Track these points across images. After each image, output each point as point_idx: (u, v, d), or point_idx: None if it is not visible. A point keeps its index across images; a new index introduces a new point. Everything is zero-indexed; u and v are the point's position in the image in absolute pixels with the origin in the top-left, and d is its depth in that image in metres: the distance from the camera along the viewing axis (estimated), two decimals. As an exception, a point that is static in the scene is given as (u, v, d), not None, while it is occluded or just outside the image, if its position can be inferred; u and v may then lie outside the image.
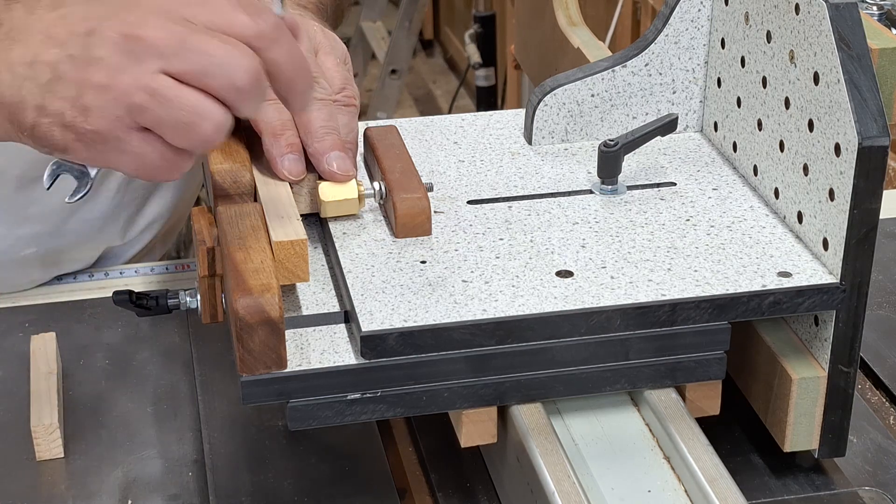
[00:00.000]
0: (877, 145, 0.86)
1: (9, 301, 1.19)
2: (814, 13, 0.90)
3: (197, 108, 0.80)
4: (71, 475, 0.99)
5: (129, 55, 0.80)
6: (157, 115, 0.80)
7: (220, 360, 1.10)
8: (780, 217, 0.98)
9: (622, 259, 0.93)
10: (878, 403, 1.07)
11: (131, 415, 1.05)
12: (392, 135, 1.03)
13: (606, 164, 1.01)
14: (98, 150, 0.82)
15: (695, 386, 0.93)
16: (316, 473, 0.98)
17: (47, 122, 0.81)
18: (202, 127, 0.80)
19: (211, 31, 0.80)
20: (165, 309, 0.96)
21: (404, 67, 3.53)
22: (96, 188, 1.20)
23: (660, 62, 1.07)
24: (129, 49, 0.80)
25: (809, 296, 0.90)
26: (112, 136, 0.81)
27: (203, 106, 0.80)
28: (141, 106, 0.79)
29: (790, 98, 0.94)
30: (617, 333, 0.89)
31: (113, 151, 0.82)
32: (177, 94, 0.80)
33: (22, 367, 1.08)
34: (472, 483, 0.98)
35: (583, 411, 0.93)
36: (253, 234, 0.89)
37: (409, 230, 0.96)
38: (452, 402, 0.89)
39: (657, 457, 0.90)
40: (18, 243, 1.18)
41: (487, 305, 0.88)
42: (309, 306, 0.91)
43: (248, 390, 0.85)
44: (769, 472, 0.99)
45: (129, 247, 1.29)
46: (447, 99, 4.05)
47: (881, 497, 0.96)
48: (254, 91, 0.81)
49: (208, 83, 0.80)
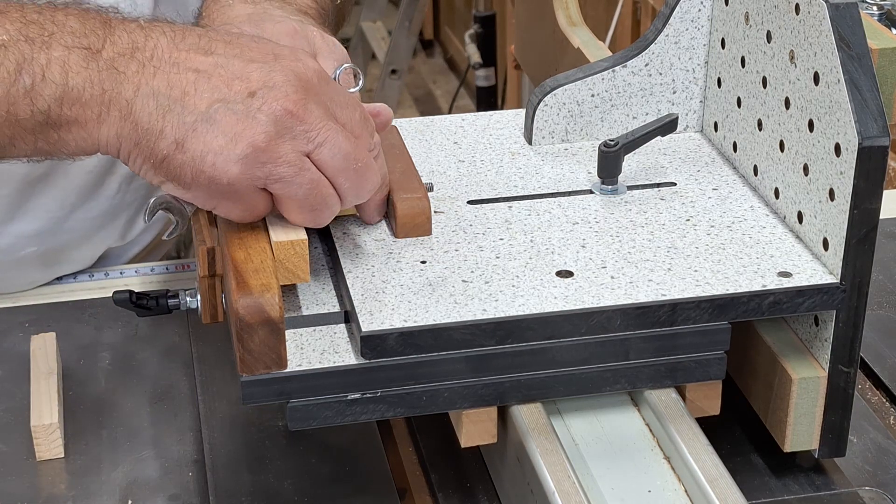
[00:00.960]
0: (877, 145, 0.86)
1: (9, 301, 1.19)
2: (814, 13, 0.90)
3: (328, 199, 0.87)
4: (71, 475, 0.99)
5: (287, 130, 0.84)
6: (292, 192, 0.85)
7: (220, 360, 1.10)
8: (780, 217, 0.98)
9: (622, 259, 0.93)
10: (878, 403, 1.07)
11: (131, 415, 1.05)
12: (392, 135, 1.03)
13: (606, 164, 1.01)
14: (218, 199, 0.86)
15: (695, 386, 0.93)
16: (316, 473, 0.98)
17: (181, 160, 0.84)
18: (323, 215, 0.88)
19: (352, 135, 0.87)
20: (165, 309, 0.96)
21: (404, 67, 3.53)
22: (97, 187, 1.20)
23: (660, 62, 1.07)
24: (289, 125, 0.84)
25: (809, 296, 0.90)
26: (242, 192, 0.85)
27: (333, 199, 0.87)
28: (283, 177, 0.85)
29: (790, 98, 0.94)
30: (617, 333, 0.89)
31: (230, 201, 0.86)
32: (319, 180, 0.86)
33: (22, 367, 1.08)
34: (472, 483, 0.98)
35: (583, 411, 0.93)
36: (253, 234, 0.89)
37: (410, 230, 0.96)
38: (452, 403, 0.89)
39: (657, 457, 0.90)
40: (19, 242, 1.18)
41: (487, 305, 0.88)
42: (309, 306, 0.91)
43: (248, 390, 0.85)
44: (769, 472, 0.99)
45: (129, 248, 1.29)
46: (447, 99, 4.04)
47: (881, 497, 0.96)
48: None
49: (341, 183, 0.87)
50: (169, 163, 0.85)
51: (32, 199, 1.17)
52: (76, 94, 0.85)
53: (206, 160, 0.84)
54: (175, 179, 0.86)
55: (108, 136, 0.86)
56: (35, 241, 1.19)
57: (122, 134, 0.86)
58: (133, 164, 0.87)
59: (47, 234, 1.19)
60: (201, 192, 0.86)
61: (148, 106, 0.84)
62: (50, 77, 0.85)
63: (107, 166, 1.20)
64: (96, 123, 0.86)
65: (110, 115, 0.85)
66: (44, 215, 1.18)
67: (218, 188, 0.85)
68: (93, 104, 0.85)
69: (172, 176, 0.85)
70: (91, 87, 0.85)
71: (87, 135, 0.86)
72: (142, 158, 0.86)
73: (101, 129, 0.86)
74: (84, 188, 1.19)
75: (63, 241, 1.21)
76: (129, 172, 1.22)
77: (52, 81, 0.85)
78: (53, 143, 0.87)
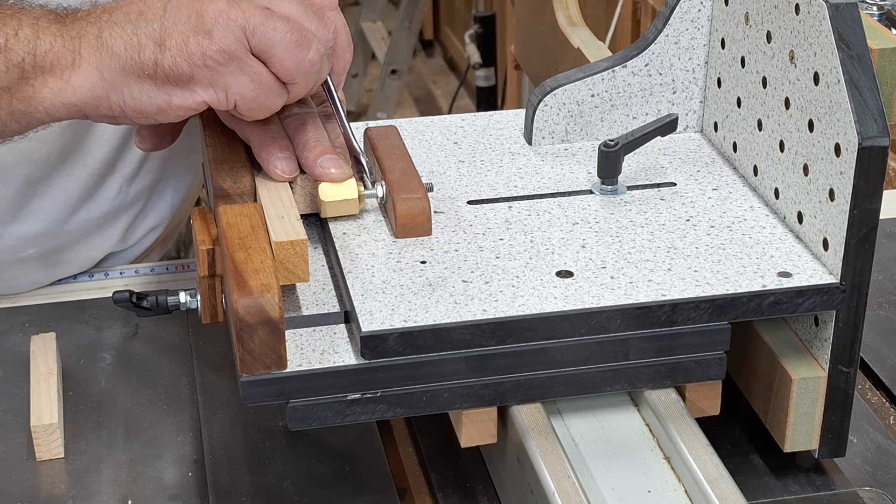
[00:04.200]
0: (877, 145, 0.86)
1: (9, 301, 1.19)
2: (814, 13, 0.90)
3: (304, 34, 0.90)
4: (71, 475, 0.99)
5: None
6: (270, 37, 0.89)
7: (220, 360, 1.10)
8: (780, 217, 0.98)
9: (622, 259, 0.93)
10: (878, 403, 1.07)
11: (131, 415, 1.05)
12: (392, 135, 1.03)
13: (606, 164, 1.01)
14: (222, 73, 0.90)
15: (695, 386, 0.93)
16: (316, 473, 0.98)
17: (171, 55, 0.89)
18: (309, 50, 0.90)
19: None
20: (165, 309, 0.96)
21: (404, 67, 3.53)
22: (97, 188, 1.20)
23: (660, 62, 1.07)
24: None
25: (809, 296, 0.90)
26: (235, 55, 0.89)
27: (310, 34, 0.91)
28: (256, 26, 0.89)
29: (790, 98, 0.94)
30: (617, 334, 0.89)
31: (235, 73, 0.90)
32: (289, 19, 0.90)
33: (22, 367, 1.08)
34: (472, 483, 0.98)
35: (583, 411, 0.93)
36: (253, 235, 0.89)
37: (409, 230, 0.96)
38: (452, 403, 0.89)
39: (657, 457, 0.90)
40: (20, 243, 1.18)
41: (487, 305, 0.88)
42: (309, 306, 0.91)
43: (248, 390, 0.85)
44: (769, 472, 0.99)
45: (130, 252, 1.29)
46: (447, 99, 4.04)
47: (881, 497, 0.97)
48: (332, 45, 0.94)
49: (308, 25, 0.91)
50: (160, 65, 0.90)
51: (34, 200, 1.17)
52: (48, 45, 0.92)
53: (189, 43, 0.89)
54: (176, 79, 0.90)
55: (89, 77, 0.91)
56: (36, 242, 1.19)
57: (102, 66, 0.91)
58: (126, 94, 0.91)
59: (48, 235, 1.19)
60: (205, 77, 0.90)
61: (115, 33, 0.91)
62: (22, 35, 0.92)
63: (108, 167, 1.20)
64: (71, 68, 0.91)
65: (83, 54, 0.91)
66: (45, 216, 1.19)
67: (216, 63, 0.89)
68: (65, 51, 0.92)
69: (172, 76, 0.90)
70: (62, 38, 0.92)
71: (63, 84, 0.92)
72: (136, 79, 0.91)
73: (79, 72, 0.91)
74: (85, 189, 1.19)
75: (63, 242, 1.21)
76: (129, 173, 1.22)
77: (24, 38, 0.92)
78: (28, 99, 0.92)
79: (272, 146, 0.96)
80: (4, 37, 0.92)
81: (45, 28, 0.92)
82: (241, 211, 0.92)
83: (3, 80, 0.92)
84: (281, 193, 0.94)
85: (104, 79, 0.91)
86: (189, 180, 1.31)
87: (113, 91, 0.91)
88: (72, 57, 0.91)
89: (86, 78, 0.91)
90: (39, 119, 0.94)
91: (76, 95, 0.92)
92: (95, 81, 0.91)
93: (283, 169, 0.96)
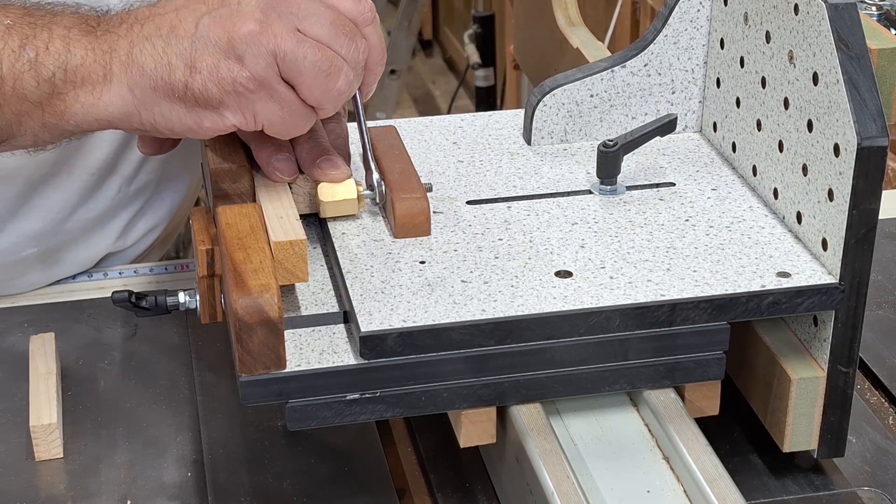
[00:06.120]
0: (876, 145, 0.86)
1: (8, 301, 1.19)
2: (813, 13, 0.90)
3: (334, 61, 0.89)
4: (70, 475, 0.99)
5: (272, 10, 0.89)
6: (300, 65, 0.88)
7: (220, 360, 1.10)
8: (779, 217, 0.98)
9: (621, 259, 0.93)
10: (878, 403, 1.07)
11: (131, 415, 1.05)
12: (391, 135, 1.03)
13: (606, 164, 1.01)
14: (252, 99, 0.89)
15: (694, 386, 0.93)
16: (315, 473, 0.98)
17: (202, 79, 0.88)
18: (338, 79, 0.89)
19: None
20: (164, 309, 0.96)
21: (404, 67, 3.53)
22: (98, 187, 1.20)
23: (659, 62, 1.07)
24: (272, 5, 0.89)
25: (808, 296, 0.90)
26: (266, 83, 0.88)
27: (339, 61, 0.89)
28: (286, 54, 0.88)
29: (789, 98, 0.94)
30: (616, 334, 0.89)
31: (265, 99, 0.89)
32: (319, 45, 0.89)
33: (21, 367, 1.08)
34: (472, 483, 0.98)
35: (582, 411, 0.93)
36: (252, 234, 0.89)
37: (409, 230, 0.96)
38: (451, 403, 0.89)
39: (656, 457, 0.90)
40: (20, 243, 1.18)
41: (486, 305, 0.88)
42: (308, 306, 0.91)
43: (248, 390, 0.85)
44: (768, 472, 0.99)
45: (129, 252, 1.29)
46: (446, 99, 4.04)
47: (880, 497, 0.97)
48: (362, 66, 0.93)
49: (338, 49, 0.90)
50: (191, 88, 0.88)
51: (35, 199, 1.17)
52: (79, 60, 0.90)
53: (220, 68, 0.88)
54: (206, 102, 0.89)
55: (120, 93, 0.90)
56: (35, 241, 1.19)
57: (133, 83, 0.90)
58: (157, 113, 0.90)
59: (47, 234, 1.19)
60: (235, 102, 0.89)
61: (146, 50, 0.89)
62: (53, 49, 0.90)
63: (108, 166, 1.20)
64: (103, 83, 0.90)
65: (113, 70, 0.90)
66: (45, 215, 1.19)
67: (246, 90, 0.88)
68: (96, 66, 0.90)
69: (202, 100, 0.89)
70: (93, 52, 0.90)
71: (94, 99, 0.91)
72: (166, 99, 0.89)
73: (110, 88, 0.90)
74: (85, 188, 1.20)
75: (62, 241, 1.21)
76: (129, 172, 1.22)
77: (55, 52, 0.90)
78: (60, 114, 0.91)
79: (271, 147, 0.96)
80: (35, 50, 0.90)
81: (77, 41, 0.91)
82: (241, 211, 0.92)
83: (35, 96, 0.91)
84: (280, 194, 0.94)
85: (135, 96, 0.90)
86: (188, 181, 1.31)
87: (144, 108, 0.90)
88: (103, 72, 0.90)
89: (117, 94, 0.90)
90: (71, 131, 0.93)
91: (108, 111, 0.91)
92: (126, 98, 0.90)
93: (283, 170, 0.96)
